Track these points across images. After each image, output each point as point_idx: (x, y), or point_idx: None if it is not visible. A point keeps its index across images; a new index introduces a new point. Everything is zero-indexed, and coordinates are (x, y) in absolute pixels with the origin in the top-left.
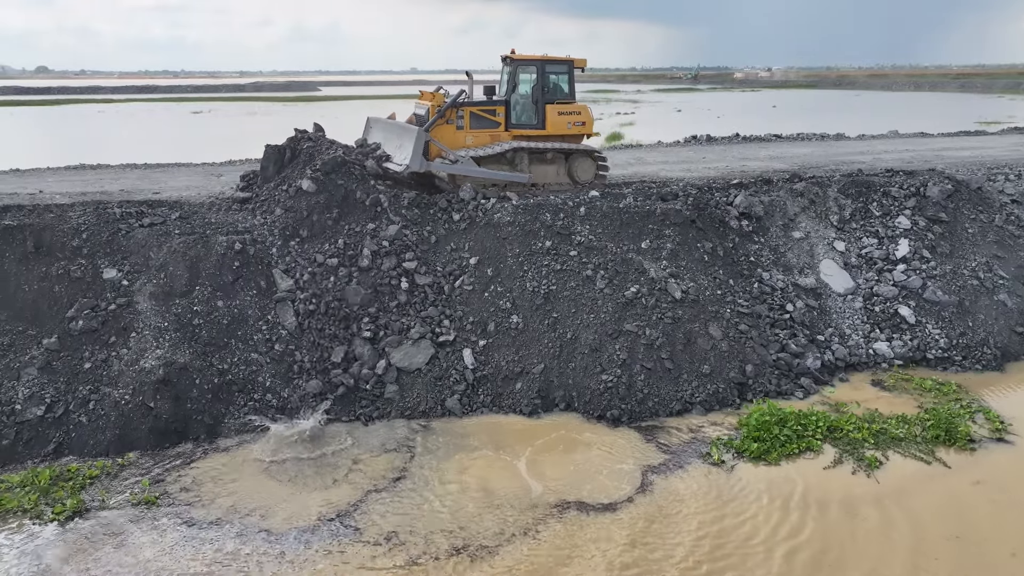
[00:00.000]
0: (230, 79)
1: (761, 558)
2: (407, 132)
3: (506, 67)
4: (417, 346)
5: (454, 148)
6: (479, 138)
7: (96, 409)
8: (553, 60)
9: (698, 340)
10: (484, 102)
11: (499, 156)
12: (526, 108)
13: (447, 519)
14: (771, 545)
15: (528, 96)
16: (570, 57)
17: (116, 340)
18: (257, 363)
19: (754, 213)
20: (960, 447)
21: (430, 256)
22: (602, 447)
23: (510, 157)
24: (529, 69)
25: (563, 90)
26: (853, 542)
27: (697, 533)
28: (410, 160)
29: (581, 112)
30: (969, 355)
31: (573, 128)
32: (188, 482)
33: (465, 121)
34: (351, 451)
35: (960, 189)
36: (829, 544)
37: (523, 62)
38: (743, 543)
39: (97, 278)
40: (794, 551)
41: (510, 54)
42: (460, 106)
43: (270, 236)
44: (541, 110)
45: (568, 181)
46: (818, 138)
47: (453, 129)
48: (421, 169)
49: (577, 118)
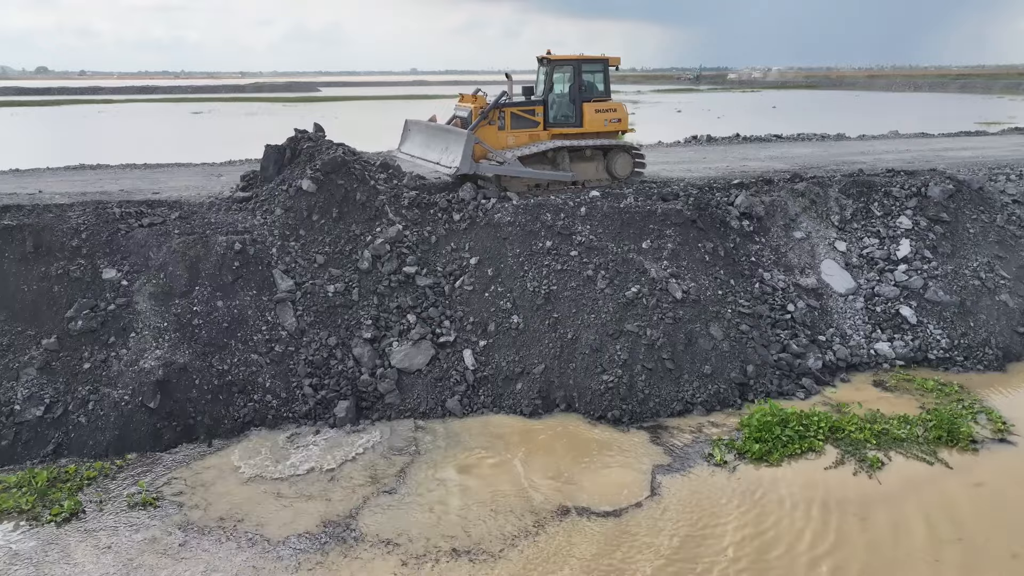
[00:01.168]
0: (230, 79)
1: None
2: (455, 135)
3: (542, 67)
4: (418, 347)
5: (496, 148)
6: (519, 138)
7: (95, 410)
8: (589, 59)
9: (699, 340)
10: (523, 103)
11: (541, 155)
12: (564, 107)
13: (447, 523)
14: (774, 550)
15: (565, 95)
16: (605, 55)
17: (115, 340)
18: (257, 364)
19: (755, 213)
20: (962, 448)
21: (430, 256)
22: (605, 448)
23: (551, 156)
24: (565, 69)
25: (599, 88)
26: (853, 544)
27: (679, 542)
28: (460, 163)
29: (617, 109)
30: (971, 355)
31: (610, 125)
32: (186, 485)
33: (506, 122)
34: (351, 453)
35: (961, 189)
36: (829, 547)
37: (559, 62)
38: (741, 549)
39: (96, 278)
40: (795, 556)
41: (546, 55)
42: (502, 107)
43: (270, 236)
44: (578, 108)
45: (607, 177)
46: (818, 138)
47: (495, 130)
48: (470, 171)
49: (613, 115)
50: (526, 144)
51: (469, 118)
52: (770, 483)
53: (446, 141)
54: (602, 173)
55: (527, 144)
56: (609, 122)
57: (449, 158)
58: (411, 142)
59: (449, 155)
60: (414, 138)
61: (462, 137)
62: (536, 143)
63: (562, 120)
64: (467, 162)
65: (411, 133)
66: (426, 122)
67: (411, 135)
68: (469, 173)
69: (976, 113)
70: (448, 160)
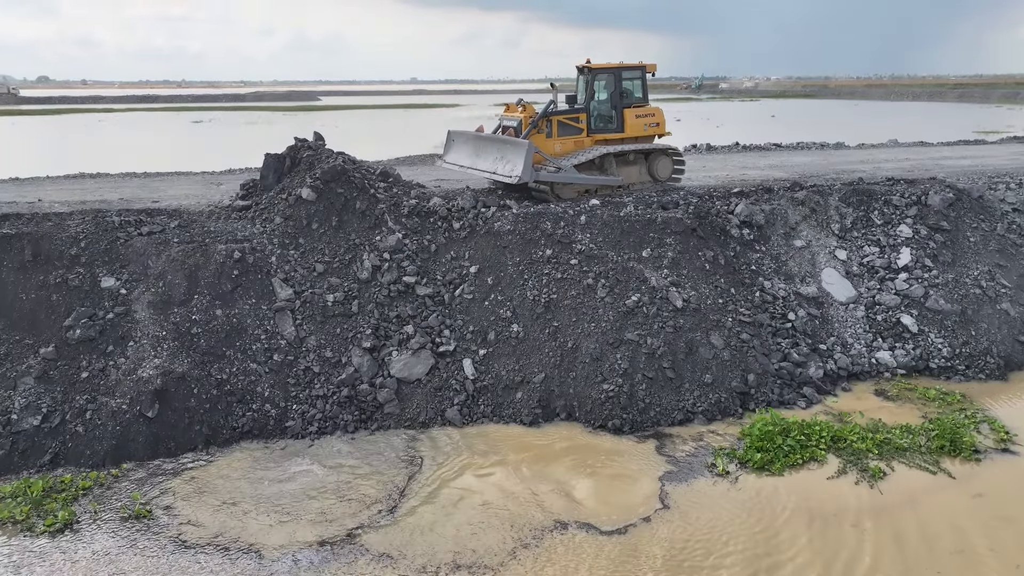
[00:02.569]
0: (231, 88)
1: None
2: (512, 145)
3: (582, 76)
4: (417, 356)
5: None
6: (565, 145)
7: (93, 419)
8: (628, 67)
9: (700, 349)
10: (568, 110)
11: (590, 161)
12: (605, 113)
13: (448, 536)
14: (770, 563)
15: (607, 102)
16: (643, 63)
17: (114, 349)
18: (256, 373)
19: (755, 222)
20: (965, 458)
21: (430, 265)
22: (607, 458)
23: (598, 162)
24: (606, 77)
25: (637, 94)
26: (854, 557)
27: (687, 557)
28: (522, 172)
29: (655, 114)
30: (972, 364)
31: (649, 129)
32: (181, 496)
33: (553, 129)
34: (349, 465)
35: (961, 198)
36: (828, 559)
37: (600, 70)
38: (740, 557)
39: (95, 287)
40: (796, 569)
41: (586, 64)
42: (550, 116)
43: (269, 245)
44: (619, 114)
45: (649, 180)
46: (818, 147)
47: (543, 137)
48: (531, 180)
49: (652, 119)
50: (573, 151)
51: (519, 127)
52: (772, 494)
53: (502, 151)
54: (644, 176)
55: (578, 151)
56: (648, 126)
57: (507, 167)
58: (457, 152)
59: (506, 164)
60: (460, 148)
61: (521, 147)
62: (588, 149)
63: (604, 126)
64: (529, 170)
65: (456, 143)
66: (473, 132)
67: (456, 145)
68: (530, 181)
69: (974, 122)
70: (505, 169)
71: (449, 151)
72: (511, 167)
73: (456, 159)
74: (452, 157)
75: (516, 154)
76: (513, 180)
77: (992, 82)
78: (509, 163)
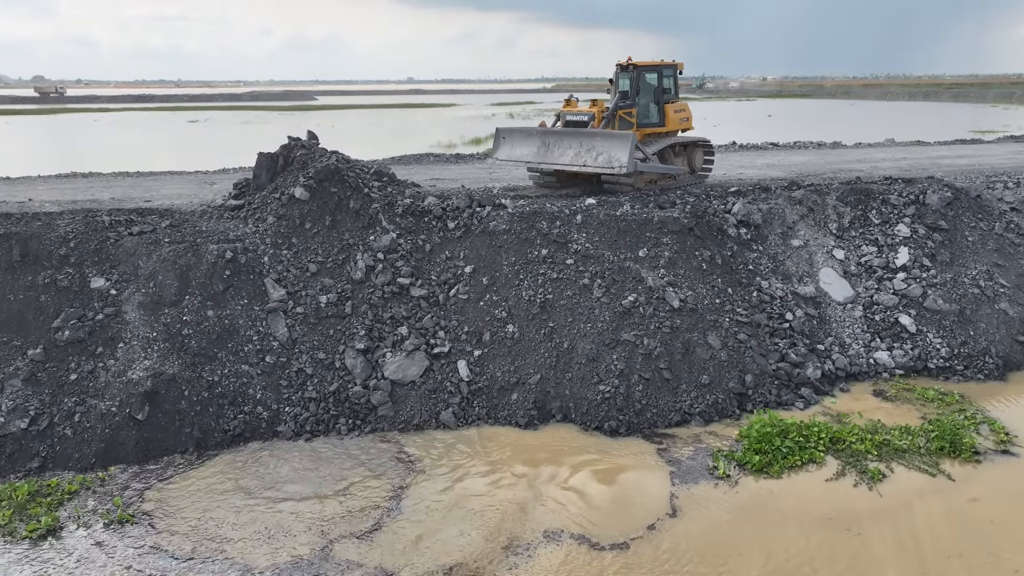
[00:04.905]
0: (227, 88)
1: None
2: (612, 137)
3: (626, 73)
4: (411, 358)
5: None
6: None
7: (81, 422)
8: (666, 65)
9: (697, 350)
10: (624, 106)
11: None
12: (650, 108)
13: (444, 542)
14: (769, 569)
15: (651, 97)
16: (675, 62)
17: (103, 351)
18: (248, 375)
19: (752, 221)
20: (965, 459)
21: (424, 265)
22: (605, 461)
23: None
24: (651, 74)
25: (672, 91)
26: (853, 561)
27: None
28: (627, 161)
29: (685, 109)
30: (971, 364)
31: (683, 124)
32: (166, 501)
33: (615, 124)
34: (342, 470)
35: (959, 197)
36: (828, 563)
37: (645, 68)
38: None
39: (84, 287)
40: (791, 572)
41: (628, 61)
42: (618, 110)
43: (262, 245)
44: (661, 109)
45: (687, 170)
46: (815, 146)
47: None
48: (635, 169)
49: (684, 114)
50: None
51: (589, 121)
52: (771, 497)
53: (591, 143)
54: (685, 166)
55: (644, 142)
56: (682, 120)
57: (601, 158)
58: (514, 148)
59: (600, 155)
60: (519, 144)
61: (626, 138)
62: (662, 139)
63: (650, 120)
64: (633, 160)
65: (510, 139)
66: (538, 128)
67: (511, 141)
68: (633, 170)
69: (971, 121)
70: (599, 160)
71: (501, 147)
72: (608, 158)
73: (515, 155)
74: (507, 153)
75: (619, 145)
76: (617, 169)
77: (987, 82)
78: (604, 154)
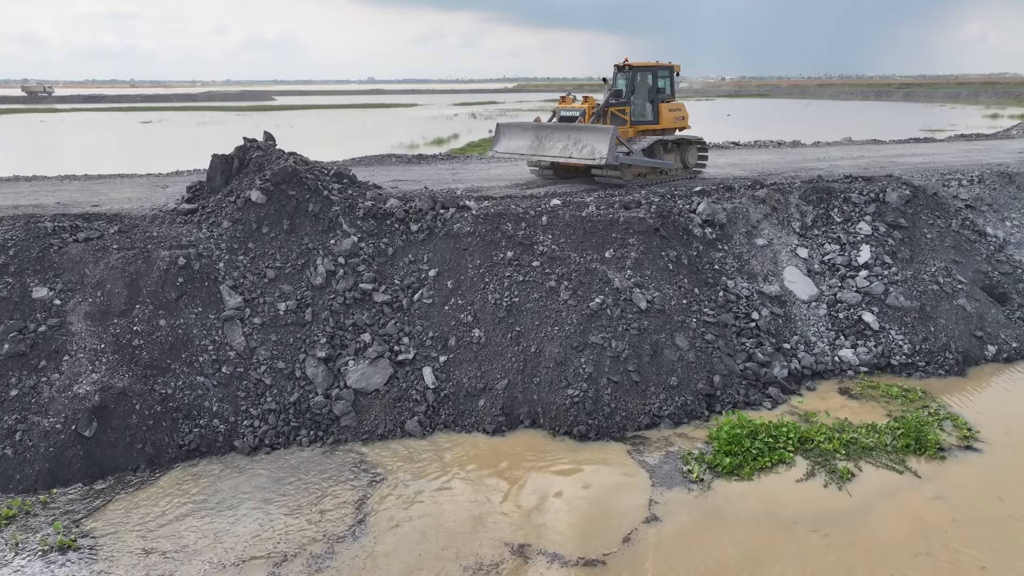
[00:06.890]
0: (182, 88)
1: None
2: (594, 131)
3: (622, 73)
4: (375, 365)
5: None
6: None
7: (23, 440)
8: (662, 66)
9: (665, 351)
10: (617, 103)
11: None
12: (644, 106)
13: (411, 561)
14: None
15: (646, 96)
16: (671, 63)
17: (47, 364)
18: (203, 387)
19: (717, 220)
20: (930, 456)
21: (387, 269)
22: (575, 466)
23: (649, 149)
24: (646, 74)
25: (668, 91)
26: (821, 561)
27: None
28: (607, 153)
29: (681, 108)
30: (932, 360)
31: (678, 122)
32: (112, 524)
33: (607, 120)
34: (302, 485)
35: (918, 195)
36: (796, 565)
37: (641, 68)
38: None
39: (26, 297)
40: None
41: (625, 62)
42: (609, 107)
43: (217, 250)
44: (655, 108)
45: (680, 167)
46: (775, 145)
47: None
48: (616, 161)
49: (679, 113)
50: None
51: (581, 117)
52: (741, 500)
53: (577, 136)
54: (678, 163)
55: (632, 138)
56: (677, 119)
57: (586, 151)
58: (512, 141)
59: (584, 148)
60: (516, 138)
61: (607, 131)
62: (646, 136)
63: (644, 118)
64: (613, 152)
65: (508, 134)
66: (532, 123)
67: (509, 135)
68: (614, 163)
69: (921, 121)
70: (584, 152)
71: (500, 141)
72: (591, 150)
73: (512, 148)
74: (504, 146)
75: (600, 138)
76: (598, 160)
77: (935, 82)
78: (588, 147)
